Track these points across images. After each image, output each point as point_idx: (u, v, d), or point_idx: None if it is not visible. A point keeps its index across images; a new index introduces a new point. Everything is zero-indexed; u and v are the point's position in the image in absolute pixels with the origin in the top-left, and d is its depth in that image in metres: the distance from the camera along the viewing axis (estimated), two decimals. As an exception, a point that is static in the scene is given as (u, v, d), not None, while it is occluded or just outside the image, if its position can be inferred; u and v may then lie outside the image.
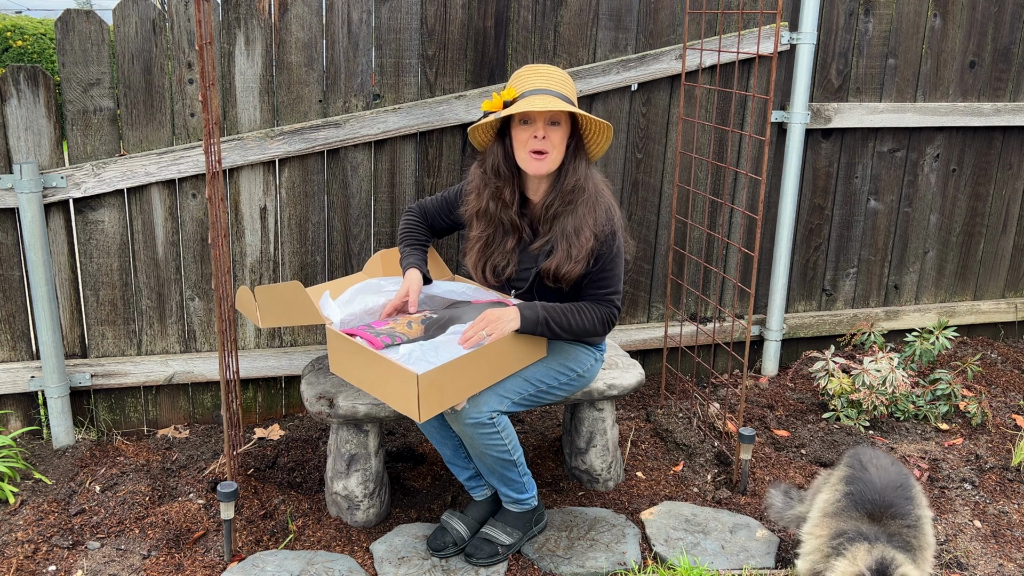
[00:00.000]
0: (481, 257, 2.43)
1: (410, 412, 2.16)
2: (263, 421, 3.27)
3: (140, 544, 2.48)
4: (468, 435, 2.30)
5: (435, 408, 2.17)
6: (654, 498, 2.78)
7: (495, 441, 2.32)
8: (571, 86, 2.35)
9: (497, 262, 2.42)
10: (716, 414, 3.18)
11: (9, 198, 2.81)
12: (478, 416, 2.26)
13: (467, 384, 2.24)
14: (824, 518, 2.19)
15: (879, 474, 2.18)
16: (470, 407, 2.27)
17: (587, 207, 2.33)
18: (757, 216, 2.75)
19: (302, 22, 2.93)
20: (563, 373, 2.48)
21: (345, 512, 2.62)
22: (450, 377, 2.18)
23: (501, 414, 2.31)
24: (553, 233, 2.36)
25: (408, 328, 2.36)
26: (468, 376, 2.23)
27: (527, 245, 2.42)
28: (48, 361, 2.94)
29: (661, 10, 3.25)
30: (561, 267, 2.32)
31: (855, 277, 3.85)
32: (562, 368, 2.48)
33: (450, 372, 2.17)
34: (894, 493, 2.13)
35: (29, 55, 8.89)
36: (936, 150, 3.78)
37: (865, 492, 2.15)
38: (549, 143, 2.28)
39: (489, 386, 2.30)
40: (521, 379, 2.38)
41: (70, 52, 2.79)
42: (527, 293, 2.45)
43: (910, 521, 2.10)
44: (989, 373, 3.75)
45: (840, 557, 2.02)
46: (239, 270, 3.09)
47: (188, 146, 2.92)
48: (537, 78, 2.30)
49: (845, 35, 3.49)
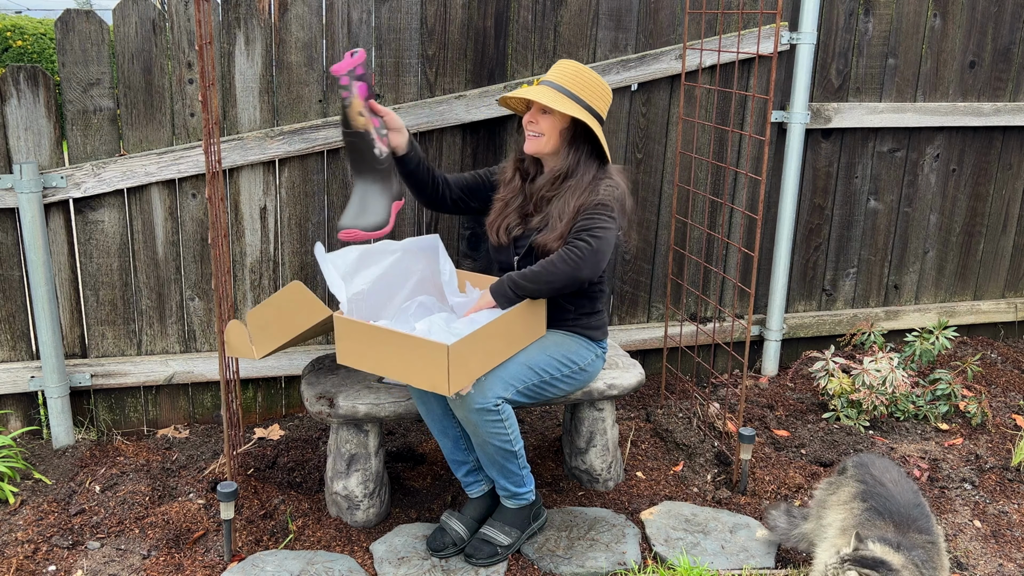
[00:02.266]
0: (498, 217, 2.59)
1: (438, 387, 2.19)
2: (263, 421, 3.27)
3: (140, 544, 2.48)
4: (473, 422, 2.32)
5: (463, 381, 2.23)
6: (654, 498, 2.78)
7: (499, 429, 2.34)
8: (585, 80, 2.49)
9: (511, 222, 2.57)
10: (716, 414, 3.18)
11: (9, 198, 2.81)
12: (484, 402, 2.29)
13: (486, 357, 2.31)
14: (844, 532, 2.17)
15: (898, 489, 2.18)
16: (476, 393, 2.30)
17: (572, 192, 2.47)
18: (757, 216, 2.75)
19: (302, 22, 2.93)
20: (565, 365, 2.50)
21: (345, 512, 2.62)
22: (474, 348, 2.24)
23: (506, 402, 2.35)
24: (549, 213, 2.51)
25: None
26: (488, 348, 2.30)
27: (530, 218, 2.56)
28: (48, 361, 2.94)
29: (661, 10, 3.25)
30: (549, 244, 2.46)
31: (855, 277, 3.85)
32: (564, 360, 2.51)
33: (474, 343, 2.23)
34: (916, 510, 2.15)
35: (29, 55, 8.89)
36: (936, 150, 3.78)
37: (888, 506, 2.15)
38: (539, 127, 2.48)
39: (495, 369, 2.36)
40: (526, 367, 2.41)
41: (70, 52, 2.79)
42: (523, 260, 2.55)
43: (932, 539, 2.10)
44: (989, 373, 3.75)
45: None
46: (239, 270, 3.09)
47: (188, 146, 2.92)
48: (555, 71, 2.52)
49: (845, 35, 3.49)
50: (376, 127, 2.41)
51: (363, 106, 2.36)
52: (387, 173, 2.47)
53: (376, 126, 2.41)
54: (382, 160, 2.44)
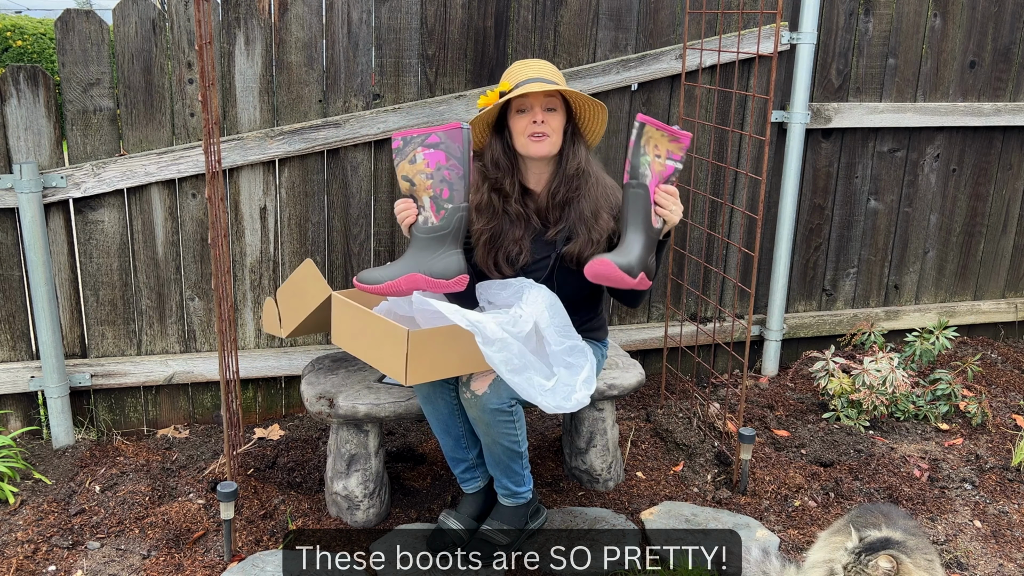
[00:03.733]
0: (490, 251, 2.43)
1: (397, 374, 2.14)
2: (263, 421, 3.27)
3: (140, 544, 2.48)
4: (486, 422, 2.32)
5: (424, 374, 2.16)
6: (654, 498, 2.78)
7: (509, 430, 2.34)
8: (561, 78, 2.41)
9: (510, 250, 2.43)
10: (716, 414, 3.18)
11: (9, 198, 2.80)
12: (499, 403, 2.29)
13: (460, 359, 2.21)
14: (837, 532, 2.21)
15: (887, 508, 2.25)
16: (491, 393, 2.30)
17: (598, 190, 2.42)
18: (757, 216, 2.75)
19: (302, 22, 2.93)
20: None
21: (345, 512, 2.62)
22: (441, 343, 2.15)
23: (518, 403, 2.35)
24: (569, 219, 2.41)
25: None
26: (461, 349, 2.20)
27: (540, 234, 2.46)
28: (48, 361, 2.94)
29: (661, 10, 3.25)
30: (584, 250, 2.38)
31: (855, 277, 3.85)
32: None
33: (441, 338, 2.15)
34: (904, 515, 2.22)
35: (29, 55, 8.89)
36: (936, 150, 3.78)
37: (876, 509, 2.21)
38: (548, 127, 2.35)
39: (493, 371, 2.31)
40: None
41: (70, 52, 2.79)
42: (547, 280, 2.45)
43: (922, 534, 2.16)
44: (989, 373, 3.75)
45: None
46: (239, 270, 3.09)
47: (188, 146, 2.92)
48: (528, 70, 2.39)
49: (845, 35, 3.49)
50: (436, 195, 2.24)
51: (416, 173, 2.22)
52: (426, 243, 2.29)
53: (438, 195, 2.24)
54: (422, 228, 2.28)
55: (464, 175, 2.24)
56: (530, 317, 2.24)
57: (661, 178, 2.28)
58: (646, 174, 2.27)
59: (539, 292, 2.31)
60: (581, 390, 2.26)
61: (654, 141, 2.27)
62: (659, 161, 2.27)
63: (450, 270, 2.25)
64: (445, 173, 2.23)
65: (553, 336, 2.28)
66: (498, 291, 2.37)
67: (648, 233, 2.27)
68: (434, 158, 2.22)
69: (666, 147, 2.27)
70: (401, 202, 2.32)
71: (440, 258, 2.26)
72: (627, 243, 2.25)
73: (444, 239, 2.27)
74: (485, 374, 2.34)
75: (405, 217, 2.31)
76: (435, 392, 2.44)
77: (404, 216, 2.31)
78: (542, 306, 2.27)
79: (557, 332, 2.29)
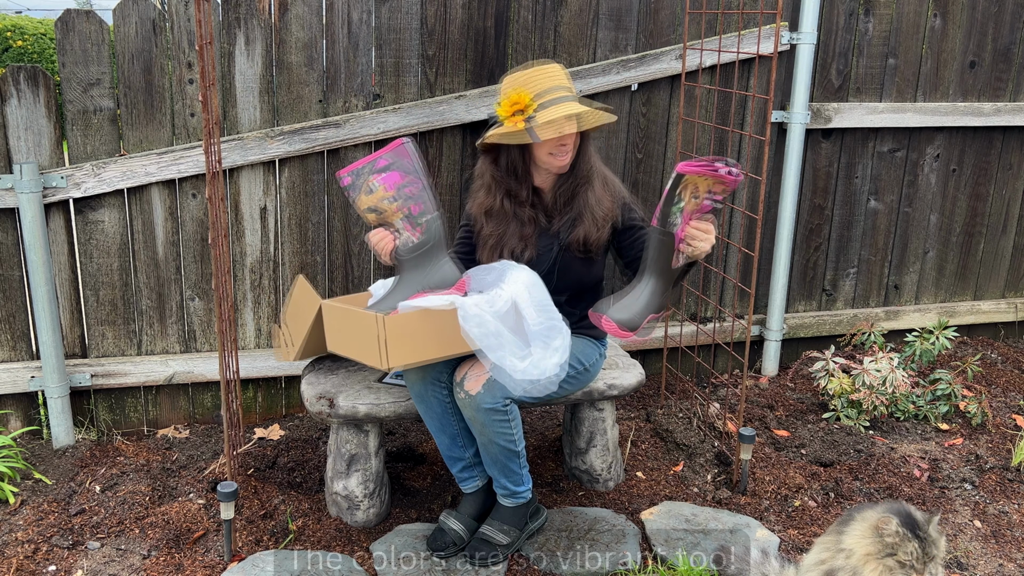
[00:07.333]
0: (496, 251, 2.49)
1: (378, 361, 2.14)
2: (263, 421, 3.27)
3: (140, 544, 2.48)
4: (481, 421, 2.32)
5: (404, 357, 2.16)
6: (654, 498, 2.78)
7: (505, 429, 2.34)
8: (571, 82, 2.43)
9: (514, 247, 2.48)
10: (716, 414, 3.18)
11: (9, 198, 2.81)
12: (493, 402, 2.30)
13: (440, 341, 2.21)
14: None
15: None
16: (485, 393, 2.30)
17: (600, 180, 2.49)
18: (757, 216, 2.75)
19: (302, 22, 2.93)
20: (572, 365, 2.50)
21: (345, 512, 2.62)
22: (419, 325, 2.15)
23: (512, 402, 2.35)
24: (575, 208, 2.48)
25: None
26: (441, 330, 2.20)
27: (544, 229, 2.51)
28: (48, 361, 2.94)
29: (661, 10, 3.25)
30: (590, 234, 2.44)
31: (855, 277, 3.85)
32: (571, 359, 2.49)
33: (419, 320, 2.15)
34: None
35: (29, 55, 8.89)
36: (936, 150, 3.78)
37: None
38: (571, 144, 2.42)
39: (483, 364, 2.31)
40: None
41: (70, 52, 2.79)
42: (549, 272, 2.49)
43: None
44: (989, 373, 3.75)
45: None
46: (239, 270, 3.09)
47: (188, 146, 2.92)
48: (544, 79, 2.34)
49: (845, 35, 3.49)
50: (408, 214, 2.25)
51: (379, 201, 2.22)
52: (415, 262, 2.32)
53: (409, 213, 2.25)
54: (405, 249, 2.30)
55: (425, 186, 2.27)
56: (509, 296, 2.25)
57: (694, 216, 2.16)
58: (676, 222, 2.15)
59: (519, 271, 2.31)
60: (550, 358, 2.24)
61: (693, 184, 2.12)
62: (695, 202, 2.13)
63: (448, 279, 2.29)
64: (407, 190, 2.24)
65: (531, 314, 2.27)
66: (483, 276, 2.38)
67: (665, 276, 2.22)
68: (391, 180, 2.22)
69: (707, 187, 2.11)
70: (374, 233, 2.35)
71: (434, 271, 2.30)
72: (634, 293, 2.22)
73: (430, 252, 2.31)
74: (478, 374, 2.34)
75: (384, 246, 2.34)
76: (427, 391, 2.44)
77: (382, 245, 2.34)
78: (521, 285, 2.27)
79: (536, 310, 2.28)
